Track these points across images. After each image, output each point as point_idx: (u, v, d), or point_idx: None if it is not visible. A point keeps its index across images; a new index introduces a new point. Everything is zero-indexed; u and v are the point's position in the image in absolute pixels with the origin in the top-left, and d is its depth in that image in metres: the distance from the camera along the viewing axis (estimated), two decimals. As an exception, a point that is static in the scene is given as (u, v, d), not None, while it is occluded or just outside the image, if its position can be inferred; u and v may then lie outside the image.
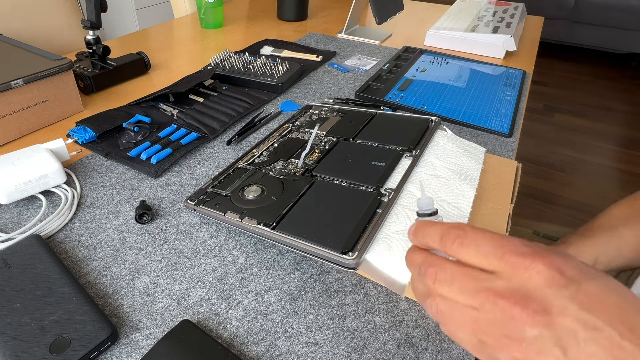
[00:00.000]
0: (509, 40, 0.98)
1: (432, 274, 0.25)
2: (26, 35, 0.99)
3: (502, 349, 0.23)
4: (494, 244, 0.24)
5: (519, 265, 0.23)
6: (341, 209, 0.42)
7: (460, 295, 0.24)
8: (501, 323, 0.23)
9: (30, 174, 0.47)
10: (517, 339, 0.22)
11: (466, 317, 0.24)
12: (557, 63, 3.21)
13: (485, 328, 0.23)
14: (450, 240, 0.25)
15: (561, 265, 0.23)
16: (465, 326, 0.24)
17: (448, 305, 0.25)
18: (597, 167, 2.03)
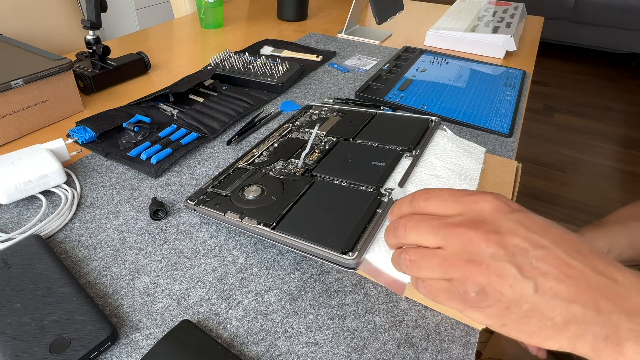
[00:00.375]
0: (509, 40, 0.98)
1: (403, 225, 0.29)
2: (26, 35, 0.99)
3: (467, 277, 0.25)
4: (452, 193, 0.28)
5: (471, 201, 0.27)
6: (341, 209, 0.42)
7: (427, 236, 0.27)
8: (462, 250, 0.25)
9: (30, 174, 0.47)
10: (477, 262, 0.25)
11: (435, 259, 0.27)
12: (557, 63, 3.21)
13: (452, 262, 0.26)
14: (417, 198, 0.29)
15: (506, 200, 0.27)
16: (435, 268, 0.26)
17: (418, 252, 0.28)
18: (597, 167, 2.03)
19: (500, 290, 0.24)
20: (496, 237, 0.25)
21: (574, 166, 2.03)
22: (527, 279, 0.24)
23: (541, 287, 0.24)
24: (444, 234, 0.26)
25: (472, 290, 0.25)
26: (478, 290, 0.25)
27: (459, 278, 0.25)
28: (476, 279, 0.25)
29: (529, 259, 0.24)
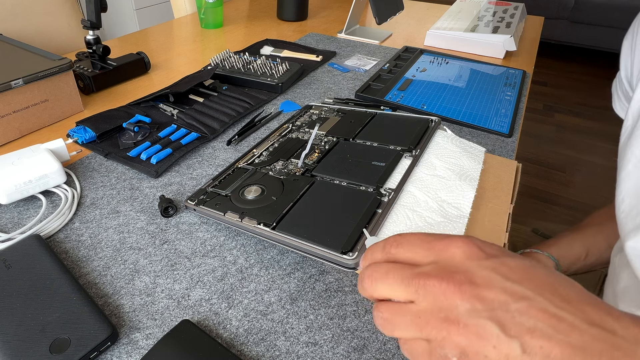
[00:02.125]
0: (509, 40, 0.98)
1: (369, 276, 0.26)
2: (26, 35, 0.99)
3: (445, 338, 0.22)
4: (424, 239, 0.26)
5: (442, 247, 0.24)
6: (341, 209, 0.42)
7: (397, 288, 0.24)
8: (436, 306, 0.23)
9: (30, 174, 0.47)
10: (454, 320, 0.22)
11: (407, 316, 0.24)
12: (557, 63, 3.21)
13: (426, 319, 0.23)
14: (389, 244, 0.26)
15: (479, 244, 0.24)
16: (409, 326, 0.24)
17: (389, 309, 0.25)
18: (597, 167, 2.03)
19: (484, 353, 0.21)
20: (471, 289, 0.22)
21: (574, 166, 2.03)
22: (512, 337, 0.21)
23: (529, 346, 0.21)
24: (415, 287, 0.23)
25: (452, 354, 0.22)
26: (458, 354, 0.22)
27: (436, 339, 0.23)
28: (455, 340, 0.22)
29: (510, 313, 0.21)
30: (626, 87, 0.53)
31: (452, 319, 0.22)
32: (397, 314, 0.24)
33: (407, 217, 0.42)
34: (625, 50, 0.52)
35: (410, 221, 0.41)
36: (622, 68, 0.53)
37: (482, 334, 0.21)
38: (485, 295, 0.22)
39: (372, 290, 0.26)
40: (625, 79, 0.53)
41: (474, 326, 0.21)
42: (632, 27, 0.52)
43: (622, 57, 0.53)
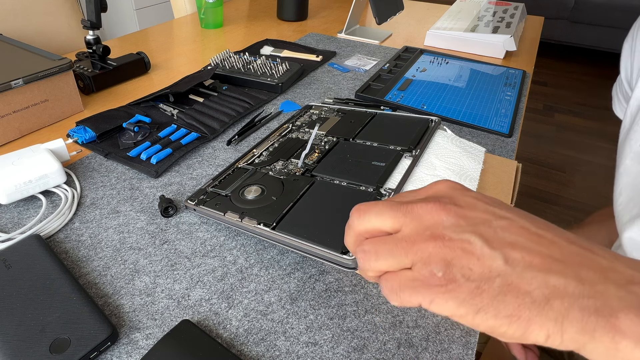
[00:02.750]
0: (509, 40, 0.98)
1: (358, 208, 0.26)
2: (26, 35, 0.99)
3: (431, 254, 0.22)
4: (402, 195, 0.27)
5: (426, 188, 0.26)
6: (341, 209, 0.42)
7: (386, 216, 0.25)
8: (421, 226, 0.23)
9: (30, 174, 0.47)
10: (439, 235, 0.23)
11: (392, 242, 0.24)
12: (557, 63, 3.21)
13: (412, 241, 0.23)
14: (354, 217, 0.26)
15: (459, 186, 0.26)
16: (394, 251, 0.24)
17: (372, 241, 0.25)
18: (597, 167, 2.03)
19: (468, 265, 0.22)
20: (455, 208, 0.23)
21: (574, 166, 2.03)
22: (495, 250, 0.21)
23: (511, 258, 0.21)
24: (403, 212, 0.24)
25: (438, 269, 0.22)
26: (444, 267, 0.22)
27: (421, 258, 0.23)
28: (440, 254, 0.22)
29: (493, 228, 0.22)
30: (626, 89, 0.54)
31: (438, 235, 0.23)
32: (381, 242, 0.24)
33: (407, 217, 0.42)
34: (625, 52, 0.52)
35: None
36: (622, 70, 0.53)
37: (467, 247, 0.22)
38: (468, 213, 0.23)
39: (360, 222, 0.26)
40: (625, 80, 0.53)
41: (458, 240, 0.22)
42: (632, 30, 0.52)
43: (623, 59, 0.53)
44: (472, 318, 0.21)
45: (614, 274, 0.20)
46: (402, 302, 0.23)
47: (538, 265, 0.21)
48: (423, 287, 0.22)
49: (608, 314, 0.19)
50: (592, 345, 0.19)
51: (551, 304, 0.20)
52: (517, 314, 0.20)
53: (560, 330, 0.20)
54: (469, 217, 0.23)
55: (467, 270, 0.22)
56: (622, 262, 0.21)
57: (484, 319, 0.21)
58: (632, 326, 0.19)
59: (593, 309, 0.19)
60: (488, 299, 0.21)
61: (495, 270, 0.21)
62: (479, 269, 0.21)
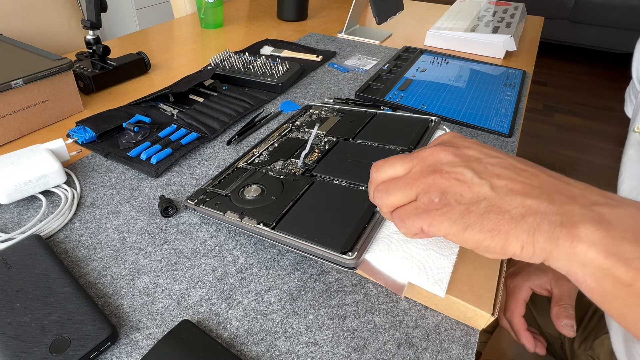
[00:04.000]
0: (509, 40, 0.98)
1: (375, 164, 0.32)
2: (26, 35, 0.99)
3: (430, 184, 0.27)
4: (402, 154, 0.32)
5: (434, 141, 0.32)
6: (341, 209, 0.42)
7: (397, 164, 0.30)
8: (425, 164, 0.29)
9: (30, 174, 0.47)
10: (438, 169, 0.28)
11: (401, 181, 0.29)
12: (557, 63, 3.21)
13: (416, 177, 0.28)
14: (373, 172, 0.32)
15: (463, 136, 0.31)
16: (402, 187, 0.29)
17: (386, 182, 0.30)
18: (597, 167, 2.03)
19: (460, 192, 0.26)
20: (453, 149, 0.28)
21: (574, 166, 2.03)
22: (483, 179, 0.26)
23: (496, 185, 0.26)
24: (410, 157, 0.30)
25: (435, 195, 0.27)
26: (440, 194, 0.27)
27: (423, 189, 0.28)
28: (437, 183, 0.27)
29: (483, 164, 0.27)
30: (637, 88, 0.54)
31: (437, 169, 0.28)
32: (392, 182, 0.29)
33: (407, 217, 0.42)
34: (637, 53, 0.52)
35: (410, 221, 0.41)
36: (634, 71, 0.54)
37: (460, 178, 0.27)
38: (464, 152, 0.28)
39: (378, 174, 0.31)
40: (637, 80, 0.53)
41: (453, 172, 0.27)
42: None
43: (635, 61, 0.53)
44: (462, 234, 0.25)
45: (582, 199, 0.25)
46: (408, 227, 0.28)
47: (518, 191, 0.25)
48: (424, 212, 0.27)
49: (570, 225, 0.23)
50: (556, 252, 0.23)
51: (526, 219, 0.24)
52: (497, 227, 0.25)
53: (532, 240, 0.24)
54: (464, 155, 0.28)
55: (459, 196, 0.26)
56: (591, 191, 0.25)
57: (472, 234, 0.25)
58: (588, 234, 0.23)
59: (559, 222, 0.24)
60: (475, 217, 0.25)
61: (482, 195, 0.26)
62: (468, 194, 0.26)
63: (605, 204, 0.24)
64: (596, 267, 0.22)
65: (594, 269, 0.23)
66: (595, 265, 0.22)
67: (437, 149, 0.29)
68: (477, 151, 0.28)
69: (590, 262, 0.23)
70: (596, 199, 0.24)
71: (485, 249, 0.25)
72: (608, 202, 0.24)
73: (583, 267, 0.23)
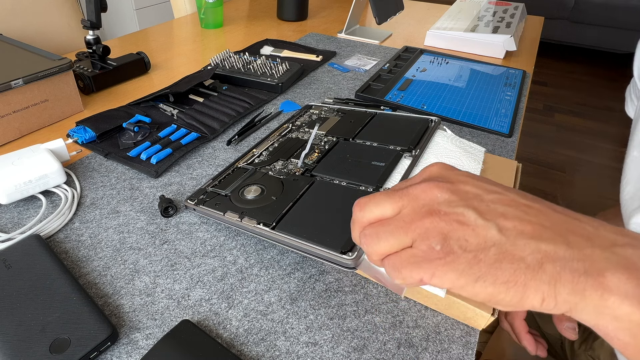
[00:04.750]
0: (509, 40, 0.98)
1: (358, 202, 0.27)
2: (26, 35, 0.99)
3: (429, 229, 0.23)
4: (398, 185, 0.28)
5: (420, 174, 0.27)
6: (341, 208, 0.42)
7: (385, 203, 0.26)
8: (418, 205, 0.25)
9: (30, 174, 0.47)
10: (435, 211, 0.24)
11: (392, 223, 0.25)
12: (557, 63, 3.21)
13: (409, 220, 0.24)
14: (356, 211, 0.27)
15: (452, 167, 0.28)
16: (394, 232, 0.25)
17: (373, 226, 0.26)
18: (597, 167, 2.03)
19: (464, 237, 0.23)
20: (448, 185, 0.25)
21: (574, 166, 2.03)
22: (488, 221, 0.23)
23: (504, 227, 0.23)
24: (399, 195, 0.25)
25: (436, 242, 0.23)
26: (442, 240, 0.23)
27: (419, 235, 0.24)
28: (437, 227, 0.23)
29: (485, 202, 0.24)
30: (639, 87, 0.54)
31: (433, 210, 0.24)
32: (381, 225, 0.26)
33: (407, 217, 0.42)
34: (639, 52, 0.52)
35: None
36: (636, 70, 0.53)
37: (462, 220, 0.23)
38: (461, 188, 0.25)
39: (363, 215, 0.27)
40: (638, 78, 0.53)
41: (453, 214, 0.23)
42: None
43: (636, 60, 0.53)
44: (472, 287, 0.22)
45: (599, 239, 0.22)
46: (405, 278, 0.24)
47: (529, 233, 0.22)
48: (424, 261, 0.23)
49: (596, 274, 0.21)
50: (582, 304, 0.21)
51: (544, 268, 0.21)
52: (513, 279, 0.21)
53: (554, 292, 0.21)
54: (461, 192, 0.24)
55: (464, 242, 0.23)
56: (605, 229, 0.23)
57: (483, 287, 0.22)
58: (618, 283, 0.20)
59: (582, 270, 0.21)
60: (486, 267, 0.22)
61: (490, 240, 0.22)
62: (474, 239, 0.22)
63: (627, 244, 0.22)
64: (632, 322, 0.20)
65: (629, 323, 0.20)
66: (630, 320, 0.20)
67: (429, 185, 0.25)
68: (475, 186, 0.25)
69: (625, 317, 0.20)
70: (615, 239, 0.22)
71: (498, 302, 0.22)
72: (629, 242, 0.22)
73: (615, 321, 0.20)
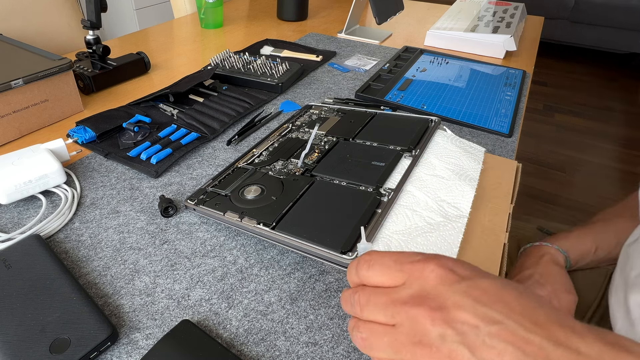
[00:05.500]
0: (509, 40, 0.98)
1: (357, 302, 0.27)
2: (26, 35, 0.99)
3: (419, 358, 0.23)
4: (394, 259, 0.26)
5: (415, 271, 0.25)
6: (341, 209, 0.42)
7: (378, 313, 0.25)
8: (410, 330, 0.24)
9: (30, 174, 0.47)
10: (426, 344, 0.23)
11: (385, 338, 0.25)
12: (557, 63, 3.21)
13: (402, 342, 0.24)
14: (361, 267, 0.27)
15: (452, 265, 0.25)
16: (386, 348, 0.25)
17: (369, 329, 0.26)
18: (597, 167, 2.03)
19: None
20: (442, 315, 0.23)
21: (574, 166, 2.03)
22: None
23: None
24: (392, 313, 0.25)
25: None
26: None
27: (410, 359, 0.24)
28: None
29: (481, 337, 0.22)
30: None
31: (425, 343, 0.23)
32: (375, 335, 0.25)
33: (406, 217, 0.42)
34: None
35: (409, 221, 0.41)
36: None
37: (454, 357, 0.22)
38: (456, 319, 0.23)
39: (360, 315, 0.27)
40: None
41: (446, 350, 0.22)
42: None
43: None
44: None
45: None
46: None
47: None
48: None
49: None
50: None
51: None
52: None
53: None
54: (456, 324, 0.23)
55: None
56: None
57: None
58: None
59: None
60: None
61: None
62: None
63: None
64: None
65: None
66: None
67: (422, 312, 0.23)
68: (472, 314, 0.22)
69: None
70: None
71: None
72: None
73: None
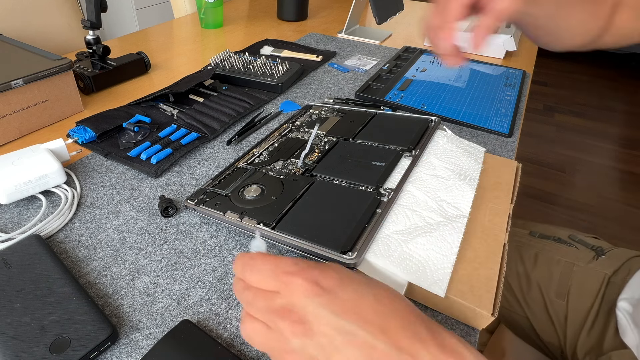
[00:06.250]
0: (509, 40, 0.98)
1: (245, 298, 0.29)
2: (26, 35, 0.99)
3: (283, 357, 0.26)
4: (272, 268, 0.28)
5: (287, 282, 0.27)
6: (341, 208, 0.42)
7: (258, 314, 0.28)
8: (280, 338, 0.26)
9: (30, 174, 0.47)
10: (290, 351, 0.26)
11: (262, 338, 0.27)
12: (557, 63, 3.21)
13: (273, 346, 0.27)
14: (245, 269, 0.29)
15: (318, 278, 0.27)
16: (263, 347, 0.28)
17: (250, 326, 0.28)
18: (597, 167, 2.03)
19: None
20: (302, 327, 0.26)
21: (574, 166, 2.03)
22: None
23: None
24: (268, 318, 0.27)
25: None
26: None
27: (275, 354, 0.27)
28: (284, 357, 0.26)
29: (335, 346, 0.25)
30: None
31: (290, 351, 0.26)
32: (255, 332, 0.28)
33: (406, 216, 0.42)
34: None
35: (409, 221, 0.41)
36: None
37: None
38: (315, 329, 0.26)
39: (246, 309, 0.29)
40: None
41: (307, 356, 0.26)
42: None
43: None
44: None
45: None
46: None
47: None
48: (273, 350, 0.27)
49: None
50: None
51: None
52: None
53: None
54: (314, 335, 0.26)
55: None
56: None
57: None
58: None
59: None
60: None
61: None
62: None
63: None
64: None
65: None
66: None
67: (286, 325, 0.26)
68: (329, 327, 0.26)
69: None
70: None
71: None
72: None
73: None
